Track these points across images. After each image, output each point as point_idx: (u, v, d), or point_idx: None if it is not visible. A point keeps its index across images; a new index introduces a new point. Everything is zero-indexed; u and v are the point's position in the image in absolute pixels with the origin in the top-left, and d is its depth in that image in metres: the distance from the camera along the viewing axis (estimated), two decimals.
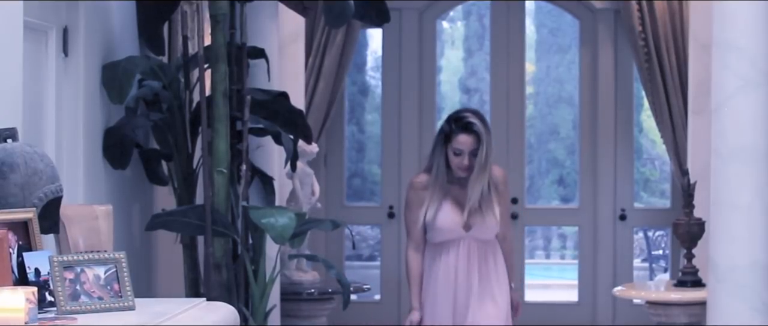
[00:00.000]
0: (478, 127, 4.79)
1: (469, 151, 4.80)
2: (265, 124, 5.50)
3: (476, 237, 4.92)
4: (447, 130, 4.84)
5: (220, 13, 5.12)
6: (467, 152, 4.80)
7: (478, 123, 4.80)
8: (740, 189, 5.29)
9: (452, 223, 4.89)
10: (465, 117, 4.83)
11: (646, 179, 10.11)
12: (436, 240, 4.95)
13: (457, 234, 4.90)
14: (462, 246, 4.92)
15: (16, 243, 3.04)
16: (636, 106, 9.00)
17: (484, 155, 4.79)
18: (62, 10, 4.58)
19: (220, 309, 3.43)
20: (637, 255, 10.35)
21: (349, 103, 9.22)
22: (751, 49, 5.25)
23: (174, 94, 5.28)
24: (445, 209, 4.89)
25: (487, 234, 4.93)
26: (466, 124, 4.80)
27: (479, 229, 4.90)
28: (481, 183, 4.82)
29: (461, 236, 4.91)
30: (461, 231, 4.90)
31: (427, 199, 4.89)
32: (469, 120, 4.80)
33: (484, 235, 4.93)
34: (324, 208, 7.95)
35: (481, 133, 4.78)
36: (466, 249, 4.92)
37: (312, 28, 8.11)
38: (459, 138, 4.80)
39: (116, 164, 5.02)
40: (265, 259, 5.46)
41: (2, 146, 3.14)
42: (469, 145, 4.80)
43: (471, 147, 4.80)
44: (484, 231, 4.91)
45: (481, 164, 4.79)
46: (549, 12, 9.77)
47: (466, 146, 4.80)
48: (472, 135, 4.80)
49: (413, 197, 4.95)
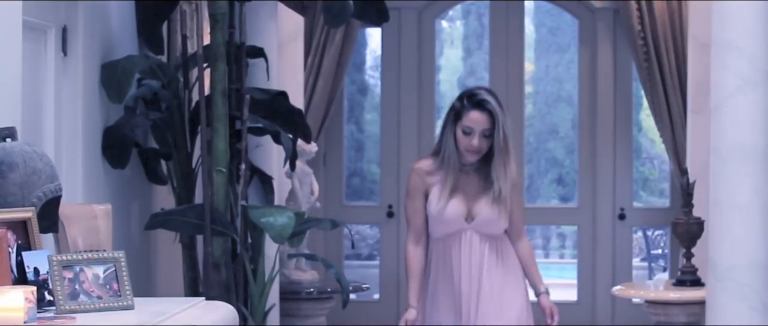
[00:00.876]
0: (492, 105, 4.35)
1: (480, 131, 4.36)
2: (264, 124, 5.50)
3: (480, 231, 4.46)
4: (458, 107, 4.40)
5: (219, 13, 5.12)
6: (478, 132, 4.36)
7: (493, 101, 4.36)
8: (739, 189, 5.29)
9: (454, 213, 4.44)
10: (478, 94, 4.40)
11: (646, 178, 10.11)
12: (437, 233, 4.51)
13: (458, 226, 4.45)
14: (464, 240, 4.47)
15: (15, 242, 3.04)
16: (635, 106, 9.00)
17: (502, 136, 4.34)
18: (61, 10, 4.58)
19: (219, 309, 3.43)
20: (636, 254, 10.34)
21: (348, 103, 9.23)
22: (750, 49, 5.26)
23: (173, 93, 5.28)
24: (448, 197, 4.44)
25: (492, 227, 4.47)
26: (479, 100, 4.36)
27: (484, 221, 4.45)
28: (505, 169, 4.39)
29: (463, 228, 4.45)
30: (463, 222, 4.45)
31: (433, 186, 4.46)
32: (483, 97, 4.37)
33: (489, 229, 4.47)
34: (323, 208, 7.95)
35: (496, 111, 4.34)
36: (468, 243, 4.46)
37: (311, 28, 8.11)
38: (470, 115, 4.36)
39: (115, 163, 5.02)
40: (264, 258, 5.46)
41: (1, 145, 3.14)
42: (480, 123, 4.35)
43: (482, 126, 4.35)
44: (489, 224, 4.46)
45: (501, 147, 4.35)
46: (548, 11, 9.77)
47: (477, 125, 4.35)
48: (484, 113, 4.36)
49: (416, 183, 4.50)
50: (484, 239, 4.47)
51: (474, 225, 4.45)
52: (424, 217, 4.51)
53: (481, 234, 4.46)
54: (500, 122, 4.34)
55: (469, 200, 4.44)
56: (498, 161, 4.38)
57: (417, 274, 4.53)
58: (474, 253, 4.45)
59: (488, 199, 4.42)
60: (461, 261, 4.46)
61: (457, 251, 4.47)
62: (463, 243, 4.46)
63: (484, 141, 4.37)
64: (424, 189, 4.47)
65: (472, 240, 4.46)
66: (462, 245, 4.46)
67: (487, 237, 4.47)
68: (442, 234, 4.49)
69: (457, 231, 4.46)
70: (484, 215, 4.43)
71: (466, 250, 4.46)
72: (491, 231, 4.47)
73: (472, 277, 4.46)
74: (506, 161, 4.38)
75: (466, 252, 4.45)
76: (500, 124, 4.34)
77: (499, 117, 4.34)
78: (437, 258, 4.53)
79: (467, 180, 4.45)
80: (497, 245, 4.50)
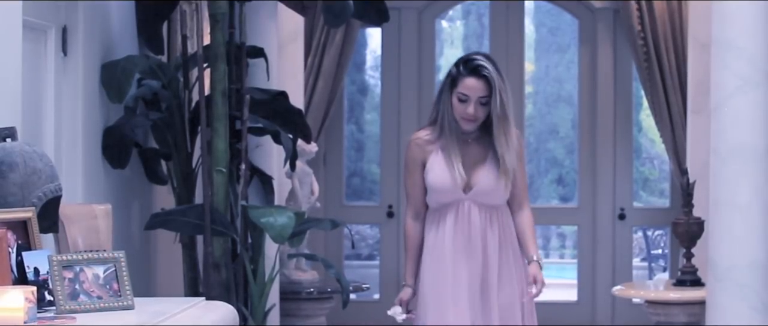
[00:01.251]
0: (489, 72, 4.14)
1: (476, 98, 4.15)
2: (264, 124, 5.50)
3: (479, 201, 4.26)
4: (454, 74, 4.20)
5: (219, 13, 5.12)
6: (474, 99, 4.15)
7: (490, 67, 4.15)
8: (739, 189, 5.29)
9: (451, 181, 4.22)
10: (475, 59, 4.18)
11: (646, 178, 10.11)
12: (434, 203, 4.30)
13: (455, 196, 4.24)
14: (461, 210, 4.26)
15: (15, 242, 3.04)
16: (635, 106, 9.00)
17: (499, 103, 4.13)
18: (61, 10, 4.58)
19: (219, 309, 3.43)
20: (637, 254, 10.34)
21: (348, 103, 9.22)
22: (750, 49, 5.26)
23: (173, 93, 5.28)
24: (444, 165, 4.23)
25: (492, 197, 4.26)
26: (475, 66, 4.15)
27: (482, 191, 4.24)
28: (507, 138, 4.19)
29: (460, 198, 4.25)
30: (460, 192, 4.24)
31: (431, 155, 4.26)
32: (479, 62, 4.16)
33: (488, 199, 4.26)
34: (323, 208, 7.95)
35: (492, 78, 4.13)
36: (466, 214, 4.25)
37: (311, 28, 8.11)
38: (466, 81, 4.16)
39: (115, 163, 5.02)
40: (264, 258, 5.46)
41: (1, 145, 3.14)
42: (476, 90, 4.15)
43: (479, 93, 4.15)
44: (488, 194, 4.25)
45: (498, 115, 4.15)
46: (548, 11, 9.77)
47: (472, 92, 4.15)
48: (481, 79, 4.15)
49: (415, 154, 4.30)
50: (484, 210, 4.25)
51: (472, 195, 4.24)
52: (424, 190, 4.31)
53: (479, 205, 4.25)
54: (497, 89, 4.13)
55: (467, 169, 4.23)
56: (498, 130, 4.18)
57: (415, 251, 4.36)
58: (473, 225, 4.24)
59: (488, 169, 4.23)
60: (456, 233, 4.25)
61: (452, 222, 4.25)
62: (460, 213, 4.25)
63: (480, 109, 4.16)
64: (422, 160, 4.28)
65: (471, 211, 4.24)
66: (459, 215, 4.25)
67: (487, 209, 4.26)
68: (439, 204, 4.28)
69: (453, 201, 4.25)
70: (483, 185, 4.22)
71: (463, 221, 4.24)
72: (490, 201, 4.26)
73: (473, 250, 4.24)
74: (506, 129, 4.18)
75: (463, 224, 4.24)
76: (497, 91, 4.13)
77: (495, 83, 4.13)
78: (430, 229, 4.32)
79: (467, 149, 4.25)
80: (498, 217, 4.29)
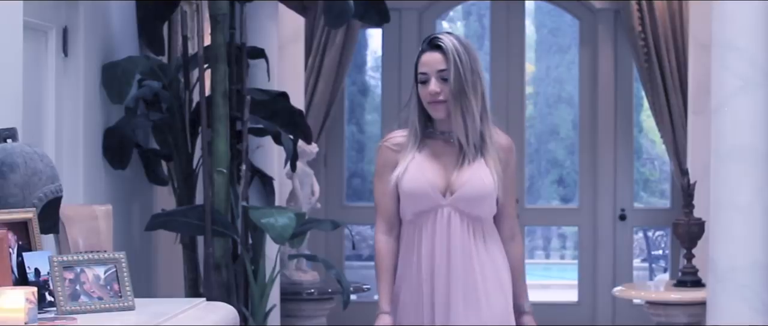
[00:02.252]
0: (445, 42, 3.51)
1: (435, 73, 3.52)
2: (264, 124, 5.50)
3: (461, 208, 3.53)
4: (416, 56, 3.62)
5: (219, 13, 5.12)
6: (433, 75, 3.52)
7: (447, 39, 3.53)
8: (740, 189, 5.29)
9: (427, 184, 3.53)
10: (432, 34, 3.62)
11: (646, 179, 10.11)
12: (408, 212, 3.58)
13: (433, 202, 3.54)
14: (440, 219, 3.54)
15: (15, 243, 3.04)
16: (636, 106, 9.00)
17: (454, 76, 3.48)
18: (62, 10, 4.58)
19: (219, 310, 3.43)
20: (637, 255, 10.35)
21: (348, 103, 9.23)
22: (751, 49, 5.26)
23: (174, 94, 5.28)
24: (420, 165, 3.55)
25: (476, 205, 3.53)
26: (431, 39, 3.57)
27: (466, 195, 3.52)
28: (464, 119, 3.52)
29: (439, 204, 3.54)
30: (439, 196, 3.54)
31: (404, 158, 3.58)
32: (435, 35, 3.58)
33: (472, 207, 3.53)
34: (324, 208, 7.95)
35: (448, 49, 3.50)
36: (445, 223, 3.54)
37: (312, 28, 8.11)
38: (422, 58, 3.56)
39: (116, 164, 5.02)
40: (265, 259, 5.46)
41: (2, 146, 3.14)
42: (433, 64, 3.52)
43: (436, 67, 3.51)
44: (473, 200, 3.52)
45: (452, 90, 3.49)
46: (549, 12, 9.77)
47: (429, 67, 3.53)
48: (435, 51, 3.53)
49: (386, 157, 3.62)
50: (466, 220, 3.54)
51: (453, 200, 3.53)
52: (397, 199, 3.60)
53: (461, 214, 3.54)
54: (452, 60, 3.49)
55: (447, 171, 3.55)
56: (454, 109, 3.51)
57: (389, 270, 3.62)
58: (453, 236, 3.52)
59: (473, 170, 3.53)
60: (435, 245, 3.54)
61: (430, 232, 3.55)
62: (439, 222, 3.54)
63: (442, 85, 3.51)
64: (394, 164, 3.59)
65: (451, 219, 3.53)
66: (437, 225, 3.54)
67: (471, 220, 3.55)
68: (413, 214, 3.57)
69: (431, 209, 3.54)
70: (467, 188, 3.51)
71: (441, 233, 3.53)
72: (476, 210, 3.54)
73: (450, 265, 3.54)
74: (465, 107, 3.50)
75: (442, 235, 3.53)
76: (452, 62, 3.49)
77: (451, 55, 3.49)
78: (404, 245, 3.62)
79: (447, 149, 3.57)
80: (483, 230, 3.58)
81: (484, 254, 3.56)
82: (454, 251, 3.53)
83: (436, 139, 3.59)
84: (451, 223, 3.54)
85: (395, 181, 3.56)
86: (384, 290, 3.61)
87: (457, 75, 3.50)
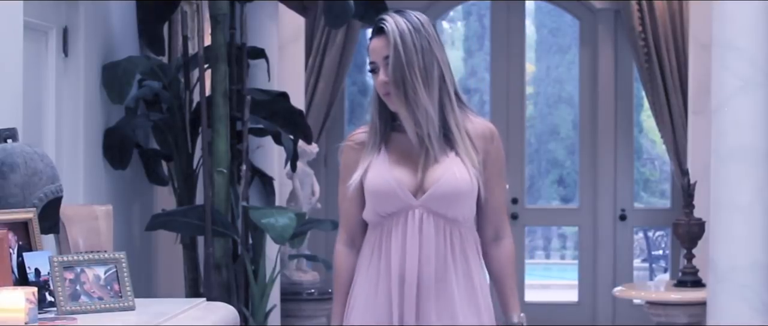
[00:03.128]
0: (388, 25, 3.04)
1: (381, 61, 3.07)
2: (265, 124, 5.50)
3: (434, 209, 3.04)
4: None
5: (220, 13, 5.12)
6: (381, 63, 3.07)
7: (391, 21, 3.05)
8: (740, 190, 5.29)
9: (394, 182, 3.05)
10: (382, 15, 3.12)
11: (646, 179, 10.11)
12: (374, 215, 3.11)
13: (403, 202, 3.05)
14: (411, 221, 3.05)
15: (16, 243, 3.04)
16: (636, 106, 9.00)
17: (393, 60, 3.02)
18: (62, 10, 4.58)
19: (220, 310, 3.43)
20: (637, 255, 10.35)
21: (349, 103, 9.22)
22: (751, 49, 5.26)
23: (174, 94, 5.29)
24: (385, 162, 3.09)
25: (451, 205, 3.04)
26: (376, 21, 3.10)
27: (439, 194, 3.03)
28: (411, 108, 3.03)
29: (409, 205, 3.05)
30: (409, 196, 3.05)
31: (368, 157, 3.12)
32: (381, 17, 3.10)
33: (446, 208, 3.04)
34: (324, 208, 7.95)
35: (390, 31, 3.03)
36: (416, 226, 3.05)
37: (312, 28, 8.11)
38: (370, 46, 3.11)
39: (116, 164, 5.02)
40: (265, 259, 5.46)
41: (2, 146, 3.14)
42: (379, 50, 3.07)
43: (383, 53, 3.06)
44: (446, 201, 3.03)
45: (392, 78, 3.03)
46: (549, 12, 9.77)
47: (376, 54, 3.08)
48: (380, 36, 3.07)
49: (348, 158, 3.18)
50: (442, 224, 3.06)
51: (425, 200, 3.05)
52: (361, 204, 3.14)
53: (436, 216, 3.06)
54: (392, 42, 3.02)
55: (418, 168, 3.07)
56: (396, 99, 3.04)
57: (344, 287, 3.22)
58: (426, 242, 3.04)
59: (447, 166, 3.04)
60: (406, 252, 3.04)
61: (400, 236, 3.06)
62: (410, 225, 3.05)
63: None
64: (356, 164, 3.14)
65: (423, 222, 3.05)
66: (408, 228, 3.05)
67: (447, 223, 3.07)
68: (380, 216, 3.10)
69: (401, 210, 3.06)
70: (440, 186, 3.03)
71: (413, 237, 3.04)
72: (451, 211, 3.05)
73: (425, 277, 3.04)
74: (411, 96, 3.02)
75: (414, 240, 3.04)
76: (392, 44, 3.02)
77: (392, 36, 3.03)
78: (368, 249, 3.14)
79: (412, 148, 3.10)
80: (461, 236, 3.08)
81: (462, 264, 3.07)
82: (426, 260, 3.04)
83: (403, 132, 3.10)
84: (424, 227, 3.05)
85: (357, 182, 3.10)
86: (338, 310, 3.24)
87: (397, 61, 3.02)
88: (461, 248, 3.08)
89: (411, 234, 3.05)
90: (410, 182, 3.06)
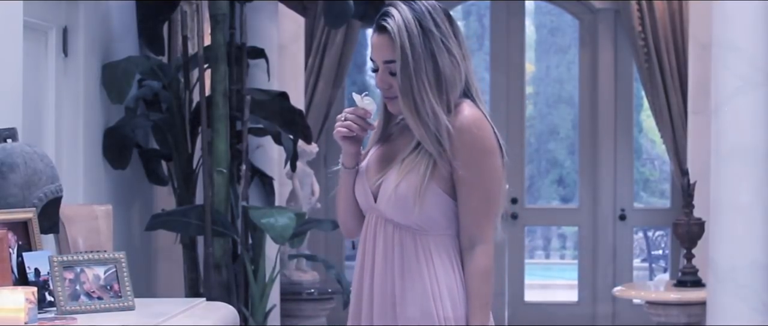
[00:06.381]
0: (391, 22, 2.76)
1: (381, 62, 2.80)
2: (264, 124, 5.50)
3: (386, 216, 2.83)
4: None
5: (219, 13, 5.12)
6: (380, 64, 2.80)
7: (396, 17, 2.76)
8: (740, 190, 5.29)
9: (361, 184, 2.93)
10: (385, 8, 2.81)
11: (646, 179, 10.11)
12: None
13: (367, 204, 2.91)
14: (369, 224, 2.89)
15: (15, 243, 3.04)
16: (636, 106, 9.00)
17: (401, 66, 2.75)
18: (62, 10, 4.58)
19: (219, 310, 3.43)
20: (637, 255, 10.35)
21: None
22: (751, 50, 5.26)
23: (174, 94, 5.29)
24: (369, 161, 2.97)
25: (398, 213, 2.80)
26: (380, 15, 2.81)
27: (383, 200, 2.83)
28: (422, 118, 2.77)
29: (371, 207, 2.89)
30: (371, 199, 2.88)
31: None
32: (383, 11, 2.80)
33: (394, 215, 2.81)
34: (324, 208, 7.95)
35: (393, 31, 2.74)
36: (372, 230, 2.88)
37: (312, 28, 8.11)
38: (371, 42, 2.83)
39: (116, 164, 5.02)
40: (265, 259, 5.46)
41: (2, 146, 3.14)
42: (379, 50, 2.79)
43: (383, 55, 2.78)
44: (394, 206, 2.80)
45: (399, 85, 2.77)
46: (549, 12, 9.77)
47: (376, 53, 2.81)
48: (381, 34, 2.78)
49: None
50: (399, 232, 2.83)
51: (377, 205, 2.86)
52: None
53: (387, 223, 2.84)
54: (398, 46, 2.74)
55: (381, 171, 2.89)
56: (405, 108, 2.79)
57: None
58: (377, 248, 2.86)
59: (401, 169, 2.81)
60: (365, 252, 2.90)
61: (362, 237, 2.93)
62: (368, 228, 2.90)
63: (389, 77, 2.80)
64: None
65: (377, 228, 2.87)
66: (368, 231, 2.90)
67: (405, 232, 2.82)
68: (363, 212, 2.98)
69: (366, 211, 2.93)
70: (383, 192, 2.84)
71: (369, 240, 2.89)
72: (401, 219, 2.81)
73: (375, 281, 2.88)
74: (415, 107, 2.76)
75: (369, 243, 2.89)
76: (398, 48, 2.74)
77: (398, 38, 2.74)
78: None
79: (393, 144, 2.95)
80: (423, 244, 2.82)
81: (414, 274, 2.80)
82: (377, 265, 2.86)
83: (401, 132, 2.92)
84: (377, 232, 2.86)
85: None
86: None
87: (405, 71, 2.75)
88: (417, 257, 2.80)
89: (368, 237, 2.89)
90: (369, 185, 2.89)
